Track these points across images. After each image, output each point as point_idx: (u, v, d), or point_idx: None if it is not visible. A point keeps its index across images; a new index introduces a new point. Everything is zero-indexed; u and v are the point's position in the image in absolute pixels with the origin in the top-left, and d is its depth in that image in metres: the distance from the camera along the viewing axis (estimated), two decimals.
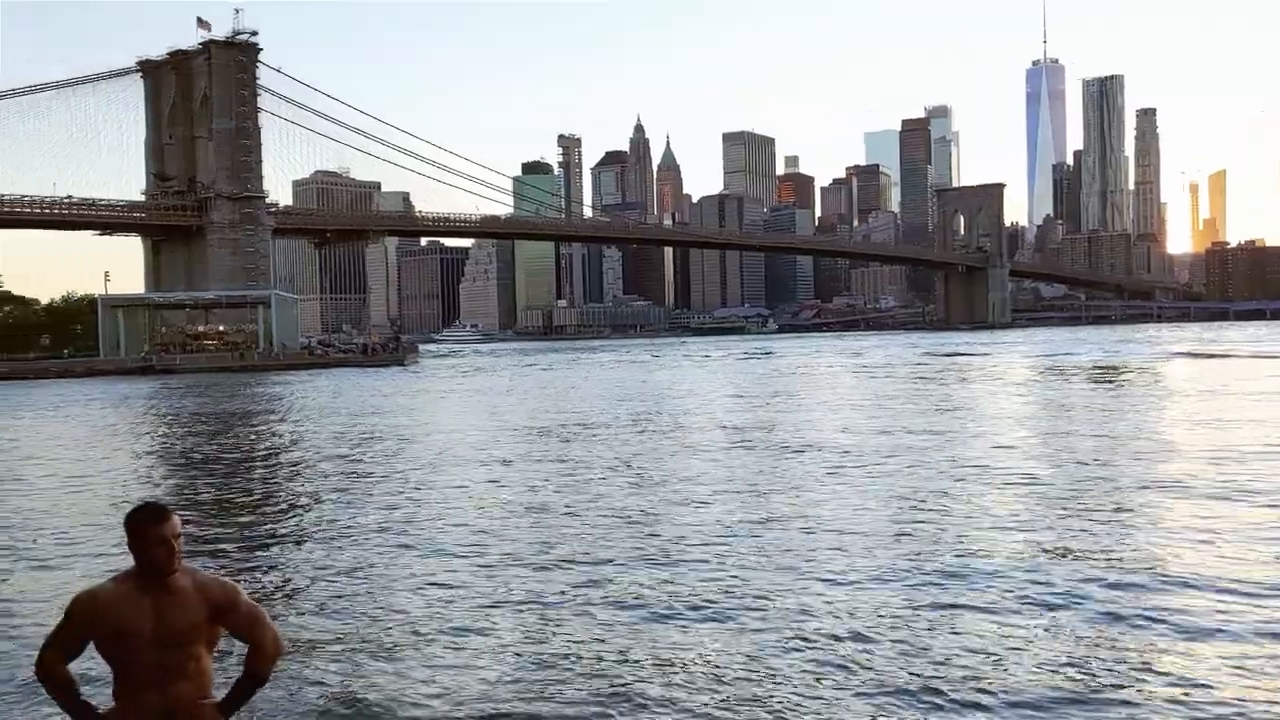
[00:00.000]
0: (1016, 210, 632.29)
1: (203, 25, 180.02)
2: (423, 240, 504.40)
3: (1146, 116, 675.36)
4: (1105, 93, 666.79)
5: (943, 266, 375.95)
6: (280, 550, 17.09)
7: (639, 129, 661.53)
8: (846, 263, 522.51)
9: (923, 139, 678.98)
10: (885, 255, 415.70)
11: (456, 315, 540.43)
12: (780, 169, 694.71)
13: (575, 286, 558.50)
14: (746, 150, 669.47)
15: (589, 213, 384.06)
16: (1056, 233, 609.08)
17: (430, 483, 24.52)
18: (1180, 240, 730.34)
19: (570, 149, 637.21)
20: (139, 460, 32.76)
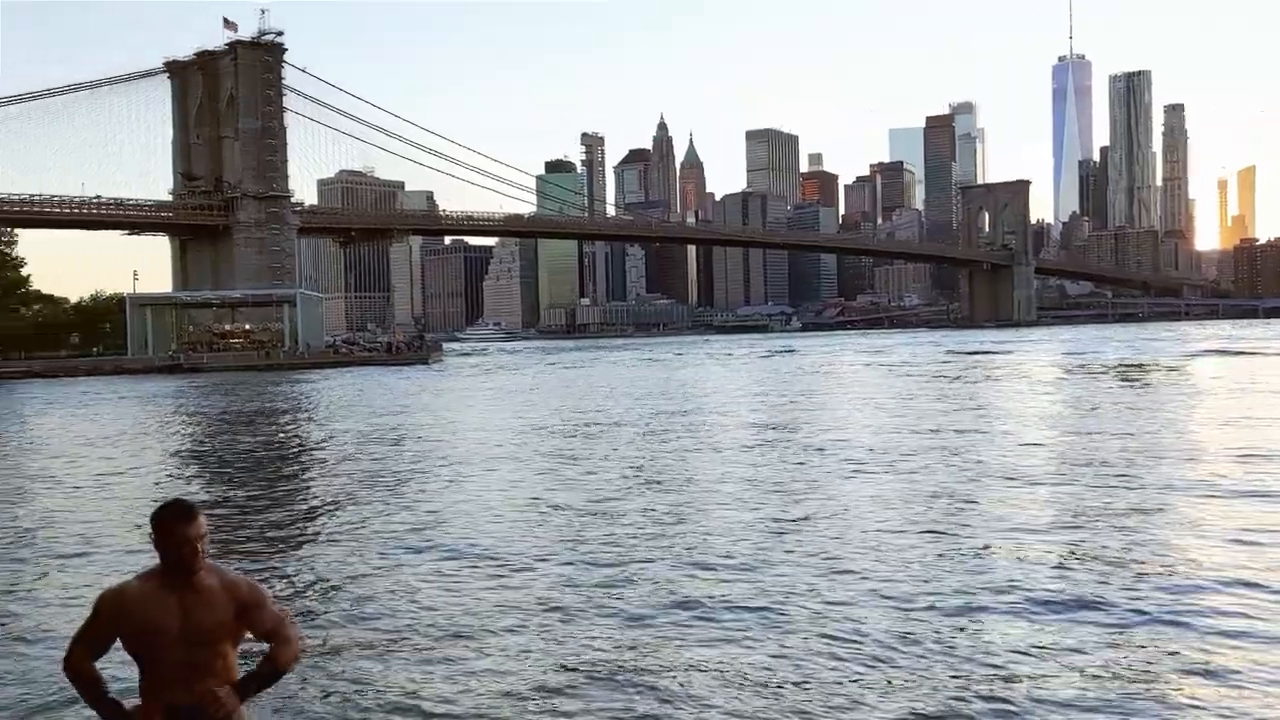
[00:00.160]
0: (1042, 207, 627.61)
1: (229, 26, 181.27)
2: (447, 239, 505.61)
3: (1175, 112, 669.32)
4: (1132, 88, 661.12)
5: (967, 264, 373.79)
6: (307, 551, 17.22)
7: (662, 127, 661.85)
8: (870, 261, 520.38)
9: (947, 136, 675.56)
10: (909, 253, 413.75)
11: (480, 314, 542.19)
12: (804, 166, 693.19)
13: (598, 285, 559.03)
14: (770, 148, 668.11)
15: (612, 211, 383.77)
16: (1083, 230, 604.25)
17: (455, 482, 24.61)
18: (1208, 237, 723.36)
19: (593, 147, 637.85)
20: (167, 458, 33.05)
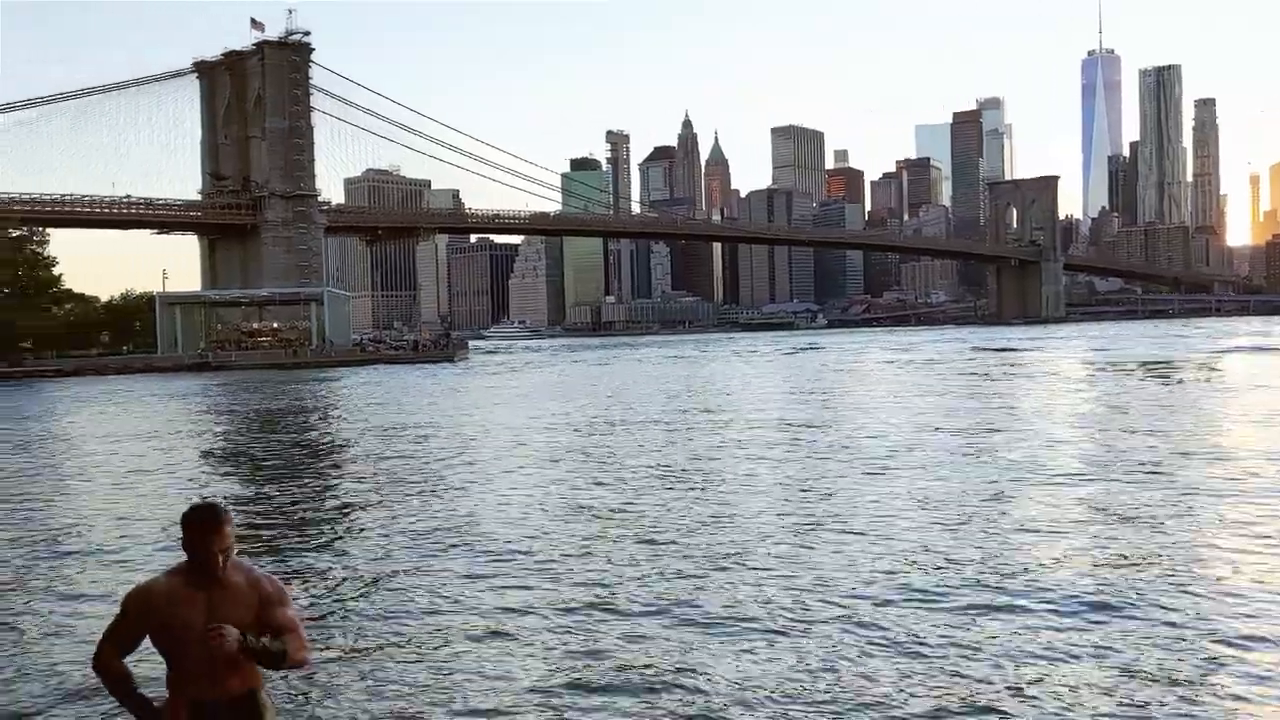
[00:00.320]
0: (1071, 203, 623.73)
1: (256, 26, 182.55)
2: (472, 237, 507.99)
3: (1205, 107, 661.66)
4: (1162, 83, 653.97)
5: (994, 260, 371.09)
6: (337, 548, 17.37)
7: (687, 124, 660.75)
8: (897, 257, 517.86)
9: (974, 132, 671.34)
10: (936, 249, 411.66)
11: (506, 312, 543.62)
12: (830, 163, 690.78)
13: (623, 282, 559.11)
14: (795, 144, 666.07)
15: (637, 208, 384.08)
16: (1112, 225, 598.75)
17: (483, 480, 24.74)
18: (1240, 232, 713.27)
19: (618, 145, 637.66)
20: (197, 456, 33.38)
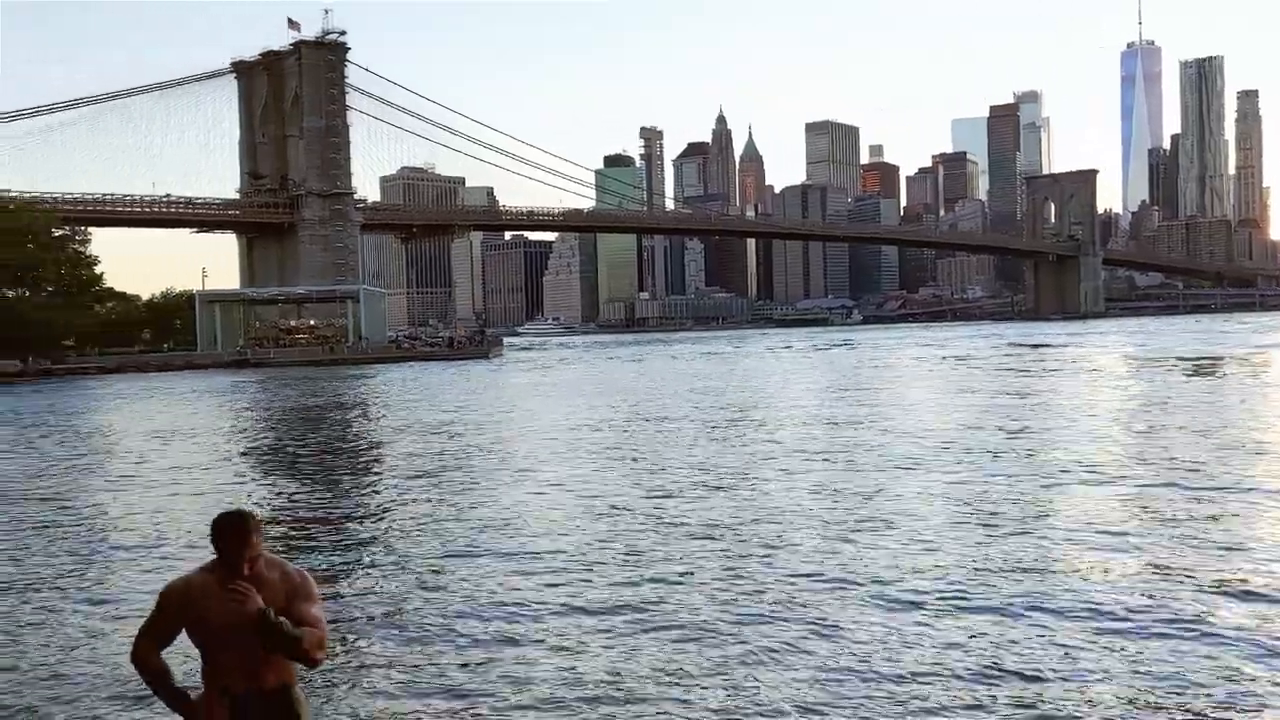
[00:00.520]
0: (1110, 197, 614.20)
1: (293, 26, 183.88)
2: (507, 234, 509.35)
3: (1248, 98, 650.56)
4: (1204, 74, 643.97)
5: (1032, 255, 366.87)
6: (373, 548, 17.56)
7: (721, 120, 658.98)
8: (932, 253, 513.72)
9: (1011, 125, 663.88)
10: (972, 244, 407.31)
11: (540, 308, 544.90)
12: (864, 158, 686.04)
13: (657, 279, 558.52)
14: (830, 140, 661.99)
15: (671, 205, 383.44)
16: (1152, 219, 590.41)
17: (518, 480, 24.87)
18: None
19: (652, 141, 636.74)
20: (236, 453, 33.80)
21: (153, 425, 45.35)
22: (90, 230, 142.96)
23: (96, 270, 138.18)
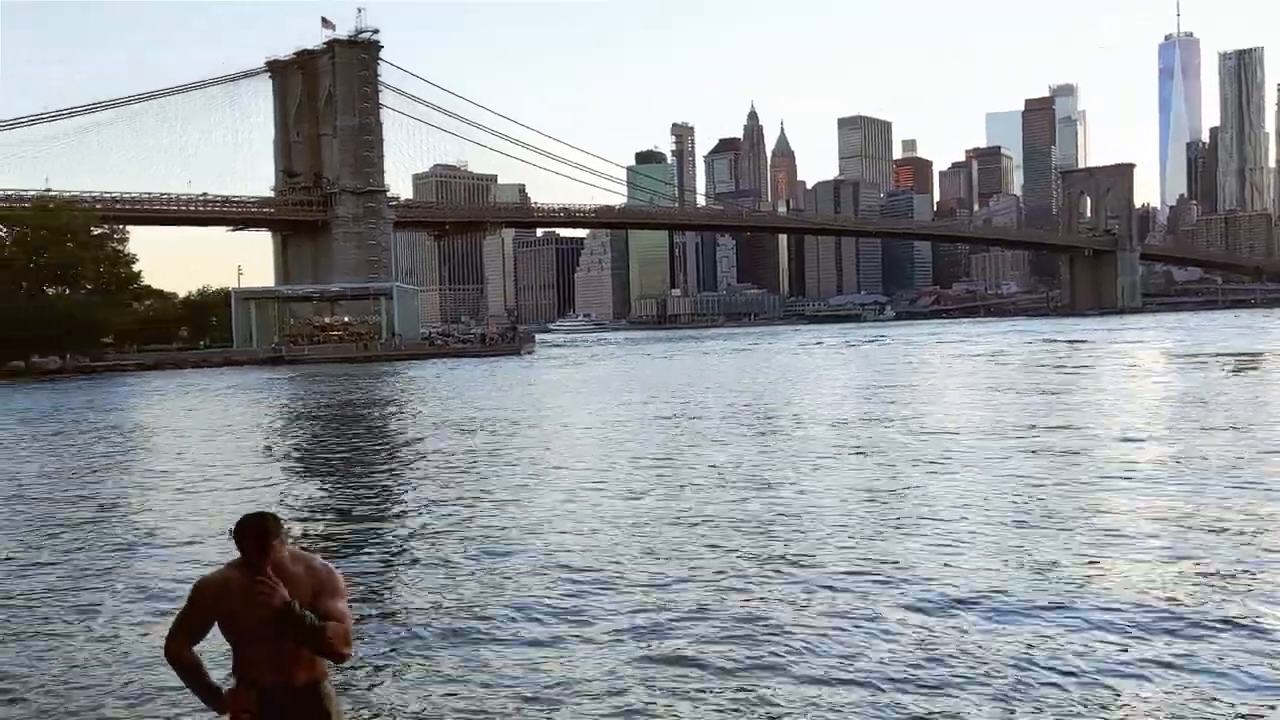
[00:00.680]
0: (1148, 191, 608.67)
1: (327, 25, 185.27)
2: (539, 231, 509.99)
3: None
4: (1244, 66, 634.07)
5: (1067, 250, 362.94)
6: (402, 547, 17.67)
7: (752, 116, 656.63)
8: (966, 248, 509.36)
9: (1047, 119, 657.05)
10: (1007, 240, 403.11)
11: (571, 305, 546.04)
12: (897, 153, 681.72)
13: (689, 275, 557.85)
14: (863, 135, 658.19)
15: (702, 201, 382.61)
16: (1191, 214, 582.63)
17: (549, 478, 24.94)
18: None
19: (683, 137, 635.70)
20: (271, 451, 34.14)
21: (191, 422, 45.89)
22: (128, 229, 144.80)
23: (135, 268, 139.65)
